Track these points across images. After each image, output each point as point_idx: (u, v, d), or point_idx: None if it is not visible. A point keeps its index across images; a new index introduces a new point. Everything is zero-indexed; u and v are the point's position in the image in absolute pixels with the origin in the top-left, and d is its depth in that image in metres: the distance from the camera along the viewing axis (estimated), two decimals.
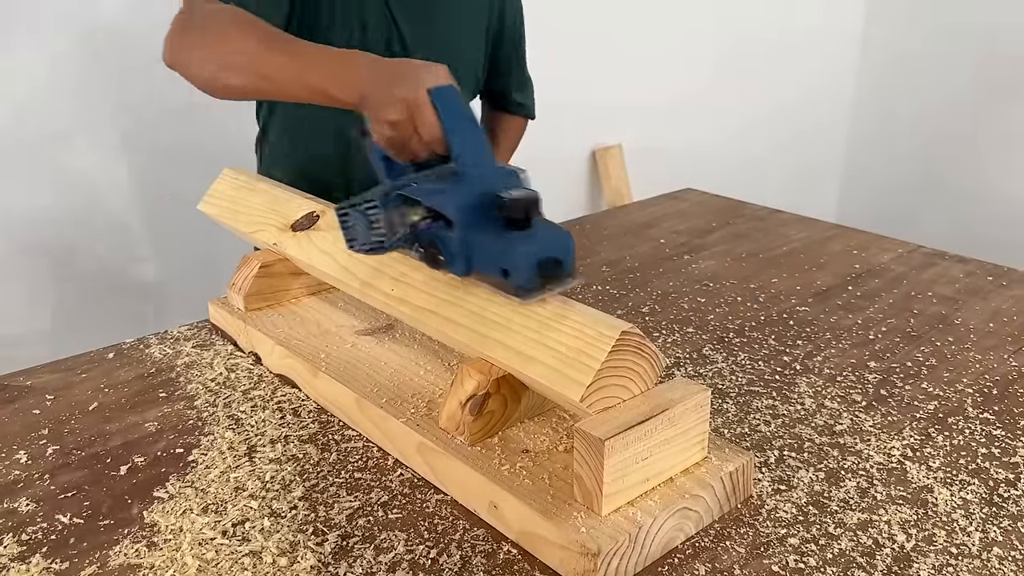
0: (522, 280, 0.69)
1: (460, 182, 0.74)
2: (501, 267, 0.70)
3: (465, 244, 0.72)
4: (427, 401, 0.79)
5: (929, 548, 0.65)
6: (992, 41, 3.03)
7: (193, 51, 0.95)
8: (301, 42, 0.89)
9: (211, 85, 0.93)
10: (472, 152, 0.76)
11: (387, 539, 0.66)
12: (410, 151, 0.79)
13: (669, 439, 0.66)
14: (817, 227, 1.43)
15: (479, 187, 0.73)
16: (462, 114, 0.76)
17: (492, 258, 0.71)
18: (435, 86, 0.76)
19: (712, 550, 0.65)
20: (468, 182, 0.74)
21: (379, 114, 0.77)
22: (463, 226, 0.72)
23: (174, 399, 0.88)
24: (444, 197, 0.73)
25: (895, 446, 0.79)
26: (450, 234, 0.73)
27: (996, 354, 0.97)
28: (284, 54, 0.87)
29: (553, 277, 0.70)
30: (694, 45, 2.84)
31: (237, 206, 1.06)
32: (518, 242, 0.69)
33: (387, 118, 0.77)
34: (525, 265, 0.69)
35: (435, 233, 0.75)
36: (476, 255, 0.73)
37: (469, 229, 0.72)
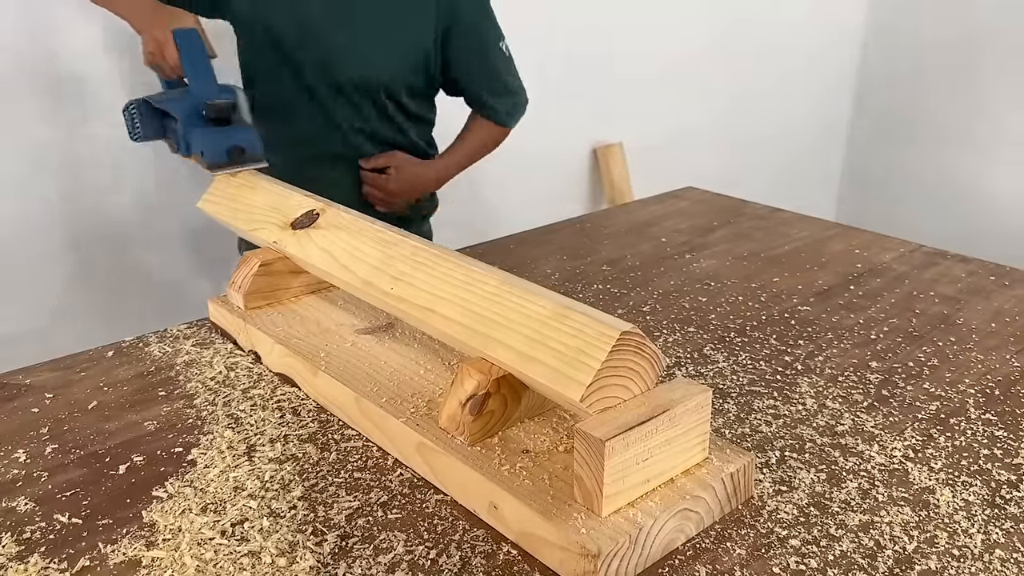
0: (211, 159, 1.04)
1: (187, 94, 1.12)
2: (200, 150, 1.05)
3: (185, 135, 1.08)
4: (427, 401, 0.79)
5: (931, 550, 0.65)
6: (994, 39, 3.02)
7: None
8: None
9: None
10: (200, 76, 1.13)
11: (386, 539, 0.66)
12: (163, 72, 1.29)
13: (670, 440, 0.65)
14: (818, 226, 1.43)
15: (199, 98, 1.08)
16: (197, 49, 1.14)
17: (197, 143, 1.05)
18: (179, 28, 1.15)
19: (713, 551, 0.65)
20: (192, 94, 1.11)
21: (143, 45, 1.29)
22: (183, 123, 1.07)
23: (173, 398, 0.87)
24: (173, 102, 1.11)
25: (897, 447, 0.78)
26: (177, 128, 1.09)
27: (998, 354, 0.96)
28: None
29: (239, 159, 1.06)
30: (696, 44, 2.84)
31: (237, 204, 1.06)
32: (215, 133, 1.06)
33: (146, 48, 1.29)
34: (216, 148, 1.05)
35: (172, 128, 1.12)
36: (192, 142, 1.06)
37: (187, 125, 1.07)
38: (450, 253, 0.82)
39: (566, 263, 1.26)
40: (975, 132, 3.13)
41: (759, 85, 3.06)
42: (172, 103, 1.11)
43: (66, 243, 1.76)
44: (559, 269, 1.24)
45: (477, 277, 0.76)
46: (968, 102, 3.12)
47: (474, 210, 2.36)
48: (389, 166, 1.54)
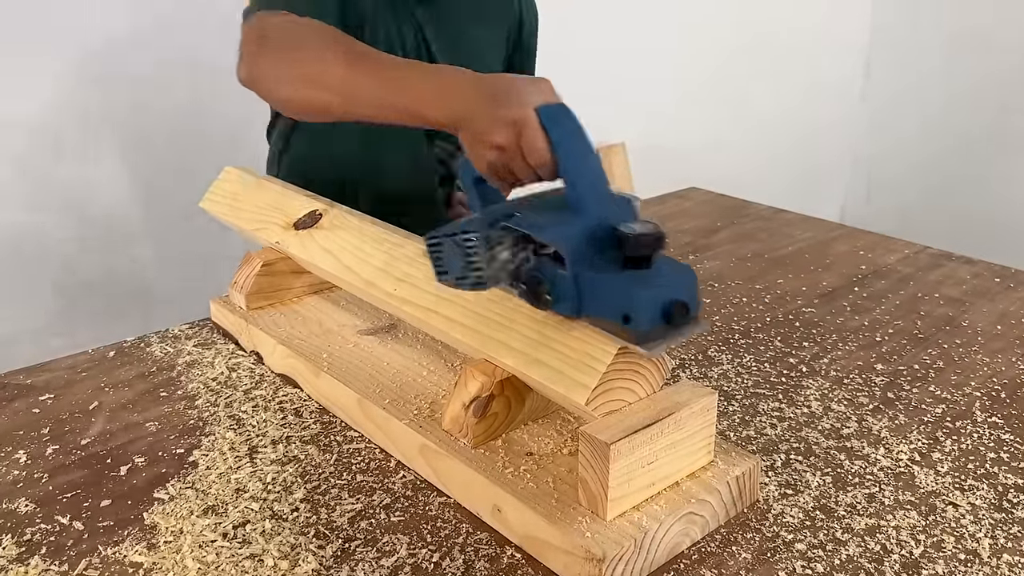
0: (645, 326, 0.60)
1: (572, 213, 0.66)
2: (621, 312, 0.61)
3: (578, 284, 0.64)
4: (430, 402, 0.78)
5: (938, 554, 0.64)
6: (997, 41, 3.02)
7: (274, 68, 0.89)
8: (388, 59, 0.82)
9: (291, 105, 0.89)
10: (585, 179, 0.67)
11: (389, 542, 0.65)
12: (512, 177, 0.72)
13: (675, 443, 0.65)
14: (823, 227, 1.42)
15: (594, 219, 0.65)
16: (575, 136, 0.68)
17: (609, 301, 0.63)
18: (544, 104, 0.68)
19: (718, 555, 0.64)
20: (581, 214, 0.65)
21: (482, 137, 0.70)
22: (576, 263, 0.64)
23: (175, 398, 0.87)
24: (556, 231, 0.65)
25: (903, 450, 0.78)
26: (560, 271, 0.65)
27: (1004, 357, 0.96)
28: (372, 75, 0.80)
29: (681, 323, 0.61)
30: (699, 43, 2.83)
31: (239, 204, 1.05)
32: (639, 283, 0.61)
33: (492, 141, 0.69)
34: (648, 309, 0.60)
35: (542, 269, 0.66)
36: (589, 296, 0.64)
37: (583, 267, 0.64)
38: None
39: None
40: (982, 133, 3.12)
41: (763, 85, 3.06)
42: (551, 230, 0.65)
43: (66, 242, 1.75)
44: None
45: None
46: (974, 104, 3.12)
47: None
48: None
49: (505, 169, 0.71)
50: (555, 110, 0.68)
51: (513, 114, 0.68)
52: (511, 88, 0.70)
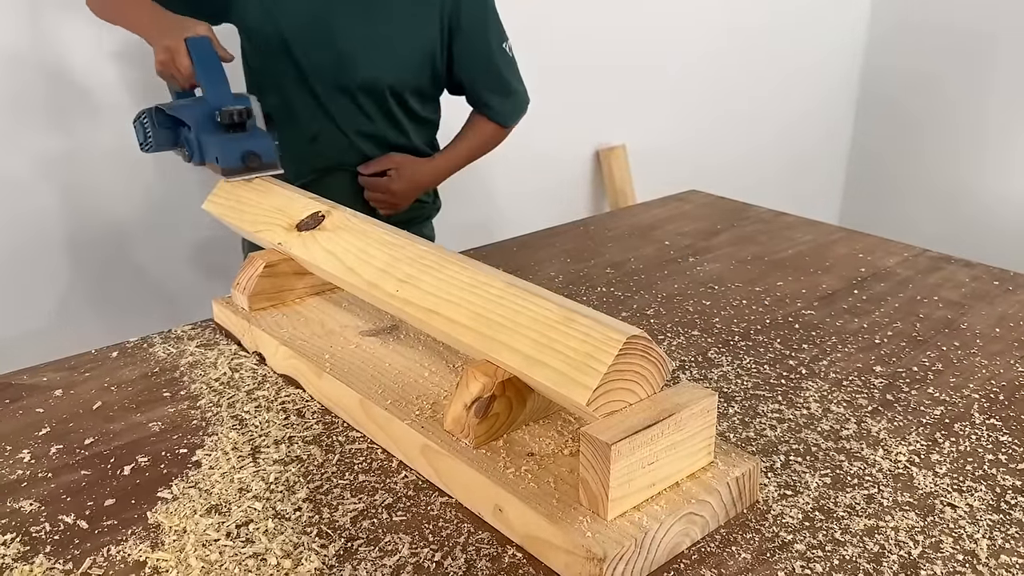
0: (226, 164, 1.05)
1: (201, 102, 1.12)
2: (215, 156, 1.05)
3: (198, 142, 1.09)
4: (432, 403, 0.79)
5: (936, 555, 0.65)
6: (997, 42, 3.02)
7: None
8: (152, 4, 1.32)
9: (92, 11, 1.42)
10: (214, 83, 1.12)
11: (391, 542, 0.66)
12: (176, 81, 1.21)
13: (675, 444, 0.65)
14: (822, 230, 1.43)
15: (213, 105, 1.09)
16: (209, 57, 1.14)
17: (211, 151, 1.07)
18: (191, 36, 1.16)
19: (718, 555, 0.65)
20: (205, 101, 1.11)
21: (155, 55, 1.20)
22: (196, 129, 1.09)
23: (178, 399, 0.87)
24: (185, 109, 1.11)
25: (902, 452, 0.78)
26: (190, 135, 1.10)
27: (1003, 359, 0.96)
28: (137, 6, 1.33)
29: (254, 165, 1.05)
30: (699, 46, 2.84)
31: (242, 205, 1.06)
32: (229, 139, 1.06)
33: (157, 57, 1.20)
34: (232, 155, 1.05)
35: (184, 135, 1.13)
36: (206, 149, 1.08)
37: (201, 132, 1.08)
38: (455, 256, 0.82)
39: (570, 266, 1.26)
40: (981, 136, 3.13)
41: (762, 88, 3.06)
42: (185, 111, 1.11)
43: (70, 244, 1.76)
44: (563, 272, 1.24)
45: (482, 280, 0.76)
46: (974, 106, 3.12)
47: (477, 212, 2.36)
48: (389, 168, 1.55)
49: (169, 76, 1.21)
50: (198, 40, 1.16)
51: (169, 41, 1.18)
52: (174, 23, 1.23)
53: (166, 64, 1.18)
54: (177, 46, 1.16)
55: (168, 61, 1.17)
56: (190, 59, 1.14)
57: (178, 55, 1.16)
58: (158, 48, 1.19)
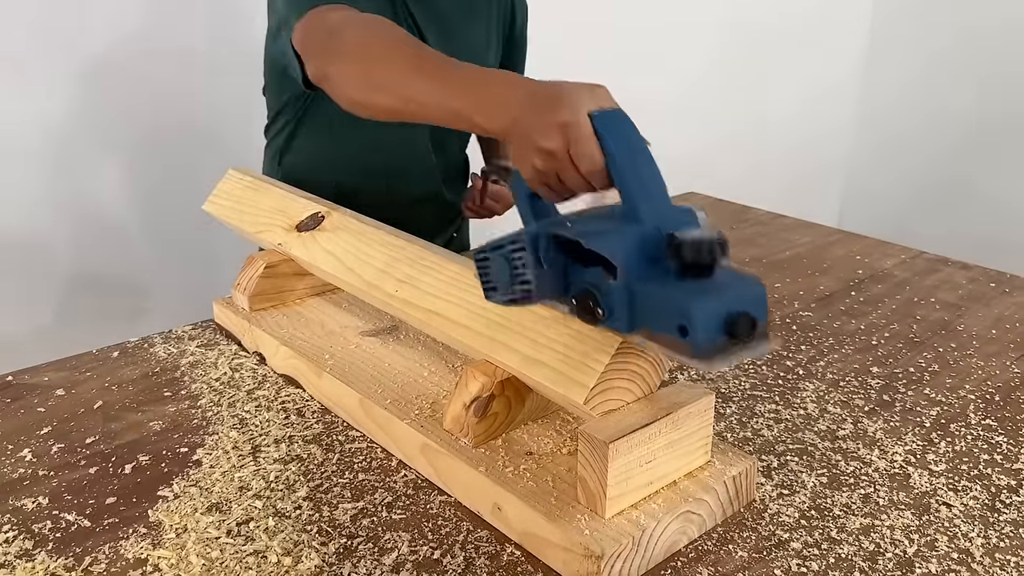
0: (704, 339, 0.55)
1: (626, 221, 0.62)
2: (677, 323, 0.56)
3: (631, 295, 0.59)
4: (431, 402, 0.79)
5: (931, 553, 0.65)
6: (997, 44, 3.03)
7: (338, 68, 0.91)
8: (448, 62, 0.81)
9: (357, 106, 0.90)
10: (640, 186, 0.63)
11: (391, 540, 0.66)
12: (562, 187, 0.67)
13: (673, 442, 0.66)
14: (820, 232, 1.44)
15: (649, 227, 0.60)
16: (630, 143, 0.64)
17: (664, 313, 0.57)
18: (598, 110, 0.65)
19: (715, 554, 0.65)
20: (635, 221, 0.61)
21: (530, 142, 0.66)
22: (629, 273, 0.59)
23: (179, 398, 0.88)
24: (607, 239, 0.60)
25: (898, 451, 0.79)
26: (611, 283, 0.60)
27: (998, 360, 0.97)
28: (430, 77, 0.80)
29: (745, 337, 0.55)
30: (698, 51, 2.84)
31: (242, 206, 1.06)
32: (697, 293, 0.56)
33: (541, 146, 0.65)
34: (707, 321, 0.55)
35: (590, 280, 0.62)
36: (643, 309, 0.59)
37: (636, 277, 0.59)
38: (454, 256, 0.83)
39: None
40: (981, 139, 3.13)
41: (762, 92, 3.07)
42: (601, 240, 0.61)
43: (70, 243, 1.76)
44: None
45: None
46: (972, 108, 3.13)
47: None
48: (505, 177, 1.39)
49: (554, 177, 0.67)
50: (610, 116, 0.65)
51: (563, 118, 0.64)
52: (563, 93, 0.67)
53: (557, 158, 0.65)
54: (578, 125, 0.64)
55: (561, 152, 0.65)
56: (601, 148, 0.64)
57: (582, 140, 0.64)
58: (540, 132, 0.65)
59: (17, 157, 1.66)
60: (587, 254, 0.61)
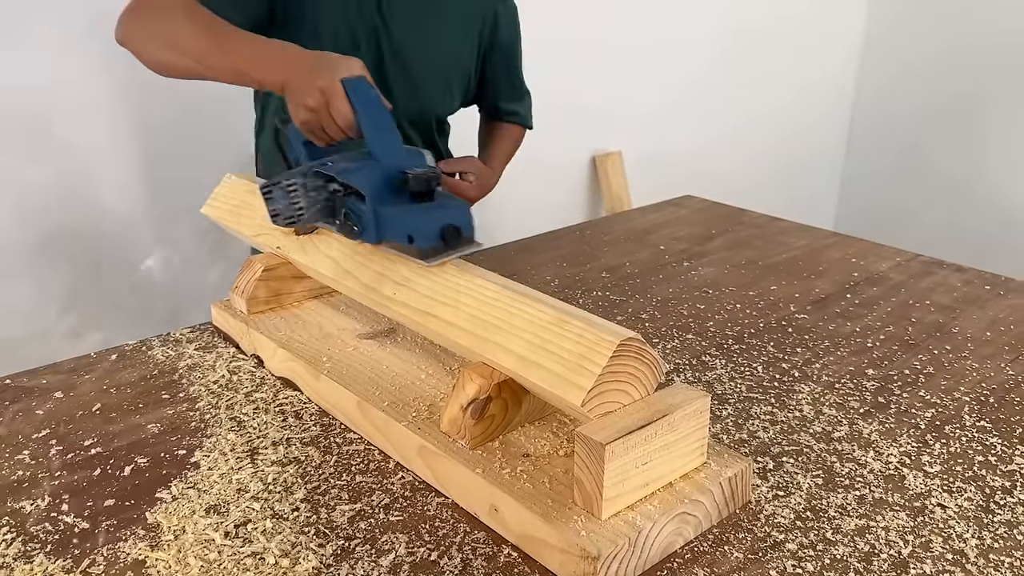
0: (424, 243, 0.79)
1: (371, 161, 0.84)
2: (407, 234, 0.80)
3: (376, 215, 0.81)
4: (428, 405, 0.79)
5: (926, 554, 0.66)
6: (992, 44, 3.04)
7: (139, 32, 1.05)
8: (236, 31, 0.99)
9: (154, 65, 1.04)
10: (382, 136, 0.85)
11: (388, 541, 0.67)
12: (326, 135, 0.90)
13: (669, 444, 0.66)
14: (816, 235, 1.44)
15: (388, 165, 0.83)
16: (374, 102, 0.86)
17: (399, 226, 0.81)
18: (349, 76, 0.87)
19: (711, 555, 0.66)
20: (378, 161, 0.83)
21: (297, 99, 0.88)
22: (373, 199, 0.81)
23: (177, 401, 0.88)
24: (357, 174, 0.83)
25: (893, 453, 0.79)
26: (362, 206, 0.82)
27: (993, 363, 0.97)
28: (217, 40, 0.98)
29: (455, 243, 0.80)
30: (694, 53, 2.85)
31: (241, 210, 1.07)
32: (420, 212, 0.80)
33: (304, 103, 0.88)
34: (428, 231, 0.79)
35: (349, 206, 0.84)
36: (385, 225, 0.81)
37: (379, 202, 0.81)
38: (452, 259, 0.83)
39: (566, 270, 1.27)
40: (977, 141, 3.15)
41: (757, 94, 3.08)
42: (354, 175, 0.83)
43: (69, 246, 1.76)
44: (559, 276, 1.25)
45: (478, 283, 0.77)
46: (969, 111, 3.14)
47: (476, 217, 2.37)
48: (469, 171, 1.41)
49: (319, 127, 0.89)
50: (357, 81, 0.87)
51: (323, 82, 0.86)
52: (324, 61, 0.89)
53: (316, 112, 0.88)
54: (332, 88, 0.86)
55: (320, 108, 0.87)
56: (351, 105, 0.86)
57: (335, 100, 0.86)
58: (303, 91, 0.88)
59: (16, 158, 1.66)
60: (346, 186, 0.84)
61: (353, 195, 0.83)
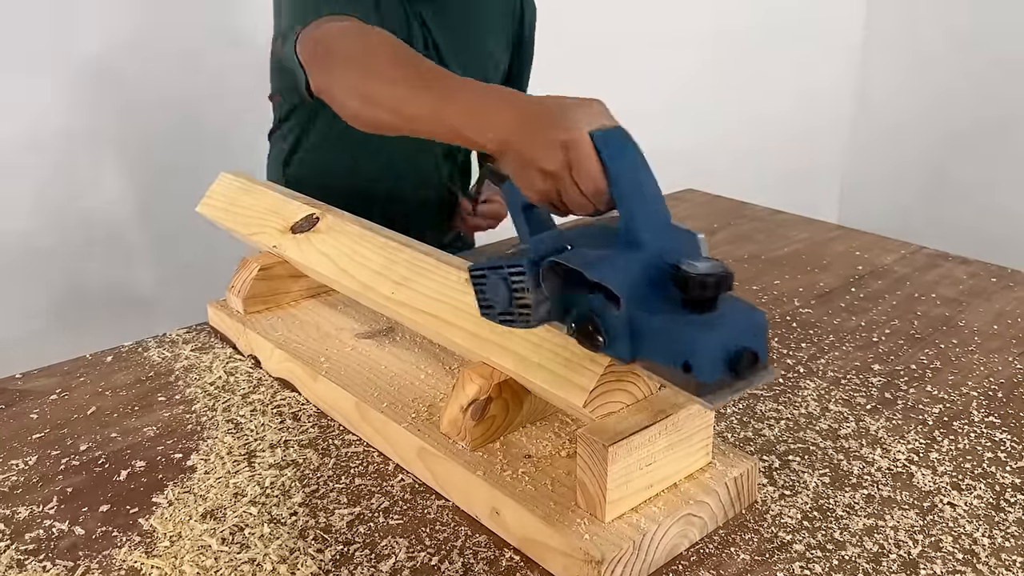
0: (707, 375, 0.55)
1: (628, 248, 0.60)
2: (681, 358, 0.55)
3: (633, 325, 0.58)
4: (428, 405, 0.78)
5: (936, 554, 0.64)
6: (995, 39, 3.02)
7: (339, 82, 0.92)
8: (445, 77, 0.81)
9: (356, 120, 0.89)
10: (643, 210, 0.62)
11: (388, 546, 0.65)
12: (564, 206, 0.67)
13: (673, 444, 0.65)
14: (819, 228, 1.43)
15: (652, 254, 0.59)
16: (632, 163, 0.63)
17: (667, 345, 0.57)
18: (599, 128, 0.63)
19: (717, 556, 0.64)
20: (638, 248, 0.60)
21: (530, 162, 0.65)
22: (631, 303, 0.58)
23: (173, 403, 0.87)
24: (609, 267, 0.59)
25: (900, 450, 0.78)
26: (614, 311, 0.59)
27: (1000, 356, 0.96)
28: (426, 92, 0.79)
29: (748, 373, 0.56)
30: (695, 46, 2.84)
31: (236, 208, 1.05)
32: (702, 327, 0.55)
33: (540, 167, 0.64)
34: (711, 356, 0.55)
35: (594, 306, 0.61)
36: (645, 339, 0.58)
37: (638, 307, 0.58)
38: (451, 258, 0.82)
39: None
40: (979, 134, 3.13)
41: (759, 88, 3.06)
42: (603, 270, 0.59)
43: (63, 247, 1.75)
44: None
45: None
46: (971, 103, 3.12)
47: None
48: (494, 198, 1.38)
49: (556, 196, 0.66)
50: (611, 134, 0.63)
51: (563, 136, 0.63)
52: (560, 109, 0.65)
53: (559, 178, 0.64)
54: (579, 144, 0.62)
55: (563, 172, 0.64)
56: (603, 168, 0.62)
57: (583, 160, 0.62)
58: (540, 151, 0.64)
59: (13, 164, 1.65)
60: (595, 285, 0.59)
61: (600, 293, 0.60)
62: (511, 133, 0.67)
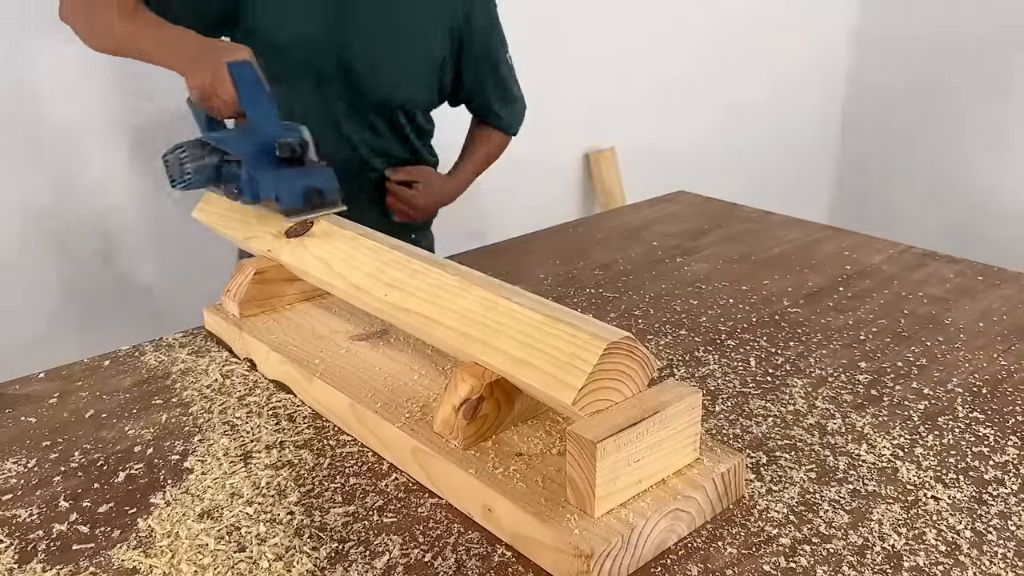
0: (288, 203, 0.94)
1: (249, 132, 0.99)
2: (275, 194, 0.94)
3: (250, 178, 0.96)
4: (421, 406, 0.79)
5: (919, 547, 0.66)
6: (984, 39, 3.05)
7: (73, 14, 1.23)
8: (153, 20, 1.16)
9: (90, 45, 1.23)
10: (259, 110, 1.00)
11: (382, 543, 0.67)
12: (216, 110, 1.05)
13: (661, 441, 0.66)
14: (809, 228, 1.44)
15: (264, 135, 0.96)
16: (255, 83, 1.00)
17: (269, 188, 0.95)
18: (233, 60, 1.01)
19: (704, 551, 0.66)
20: (255, 132, 0.98)
21: (190, 80, 1.04)
22: (248, 164, 0.95)
23: (170, 406, 0.88)
24: (234, 142, 0.99)
25: (886, 446, 0.79)
26: (240, 172, 0.97)
27: (986, 353, 0.98)
28: (134, 26, 1.16)
29: (316, 203, 0.95)
30: (686, 48, 2.85)
31: (231, 213, 1.07)
32: (289, 175, 0.95)
33: (192, 83, 1.04)
34: (292, 192, 0.94)
35: (230, 171, 0.99)
36: (260, 187, 0.96)
37: (253, 166, 0.95)
38: (442, 260, 0.83)
39: (559, 267, 1.27)
40: (969, 133, 3.15)
41: (750, 89, 3.08)
42: (235, 143, 0.98)
43: (61, 253, 1.76)
44: (552, 273, 1.25)
45: (470, 283, 0.77)
46: (961, 104, 3.14)
47: (467, 215, 2.37)
48: (417, 180, 1.50)
49: (208, 104, 1.04)
50: (241, 65, 1.00)
51: (208, 66, 1.02)
52: (212, 48, 1.07)
53: (205, 91, 1.02)
54: (218, 72, 1.01)
55: (208, 88, 1.02)
56: (234, 85, 1.00)
57: (220, 81, 1.01)
58: (195, 73, 1.03)
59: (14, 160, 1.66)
60: (225, 152, 0.99)
61: (235, 163, 0.98)
62: (184, 61, 1.07)
